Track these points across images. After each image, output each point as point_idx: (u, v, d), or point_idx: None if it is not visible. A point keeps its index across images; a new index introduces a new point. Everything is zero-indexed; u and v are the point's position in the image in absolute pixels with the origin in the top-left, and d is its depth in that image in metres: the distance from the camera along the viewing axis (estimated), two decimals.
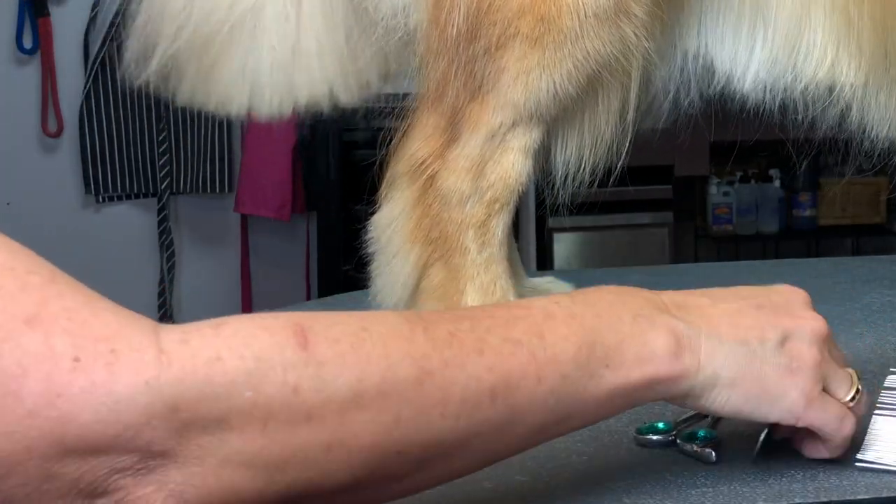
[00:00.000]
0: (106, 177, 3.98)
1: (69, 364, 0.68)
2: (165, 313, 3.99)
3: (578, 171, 1.37)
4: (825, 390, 0.98)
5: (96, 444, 0.68)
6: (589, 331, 0.86)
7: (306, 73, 1.39)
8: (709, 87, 1.42)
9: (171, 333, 0.72)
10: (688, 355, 0.90)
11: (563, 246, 4.27)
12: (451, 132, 1.29)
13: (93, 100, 3.92)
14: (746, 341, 0.93)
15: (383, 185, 1.34)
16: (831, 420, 0.98)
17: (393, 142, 1.34)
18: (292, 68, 1.40)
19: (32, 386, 0.67)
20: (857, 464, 1.06)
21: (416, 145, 1.31)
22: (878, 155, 1.43)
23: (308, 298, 3.83)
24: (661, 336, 0.89)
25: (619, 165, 1.39)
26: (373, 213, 1.35)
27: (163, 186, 3.98)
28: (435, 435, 0.80)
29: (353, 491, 0.78)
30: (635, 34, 1.29)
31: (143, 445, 0.69)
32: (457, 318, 0.83)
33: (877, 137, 1.40)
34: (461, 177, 1.29)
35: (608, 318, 0.88)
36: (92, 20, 3.88)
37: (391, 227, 1.32)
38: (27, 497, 0.68)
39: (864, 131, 1.40)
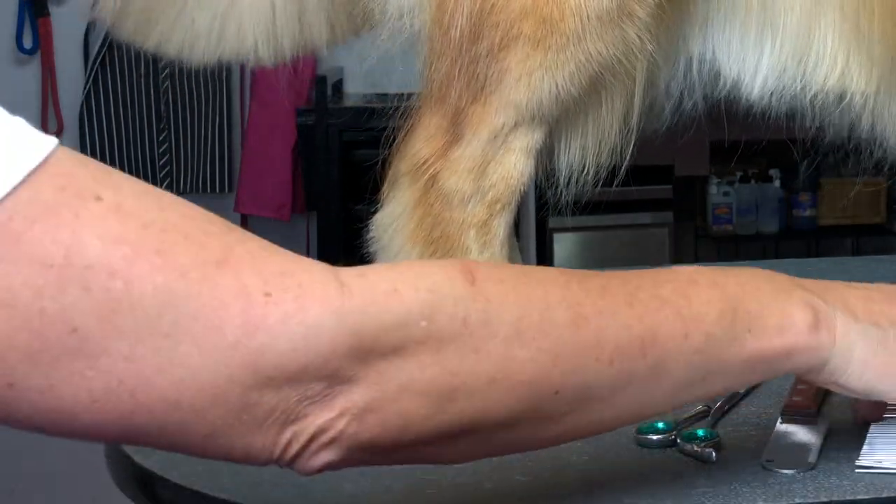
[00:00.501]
0: None
1: (262, 299, 0.72)
2: None
3: (581, 172, 1.37)
4: None
5: (291, 373, 0.73)
6: (732, 297, 0.89)
7: (236, 24, 1.38)
8: (714, 92, 1.42)
9: (349, 270, 0.77)
10: (825, 330, 0.92)
11: (563, 246, 4.27)
12: (454, 132, 1.30)
13: (93, 100, 3.92)
14: (879, 323, 0.95)
15: (385, 185, 1.34)
16: None
17: (395, 142, 1.34)
18: (227, 18, 1.38)
19: (233, 319, 0.71)
20: (858, 470, 1.06)
21: (418, 145, 1.31)
22: (886, 160, 1.43)
23: None
24: (801, 309, 0.92)
25: (622, 167, 1.39)
26: (374, 213, 1.35)
27: (163, 186, 3.98)
28: (590, 378, 0.83)
29: (512, 427, 0.82)
30: (638, 37, 1.29)
31: (331, 372, 0.74)
32: (607, 276, 0.87)
33: (889, 146, 1.40)
34: (463, 177, 1.29)
35: (750, 288, 0.91)
36: (92, 20, 3.88)
37: (392, 227, 1.33)
38: (229, 427, 0.72)
39: (875, 140, 1.40)
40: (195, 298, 0.71)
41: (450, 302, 0.77)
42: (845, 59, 1.35)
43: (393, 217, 1.32)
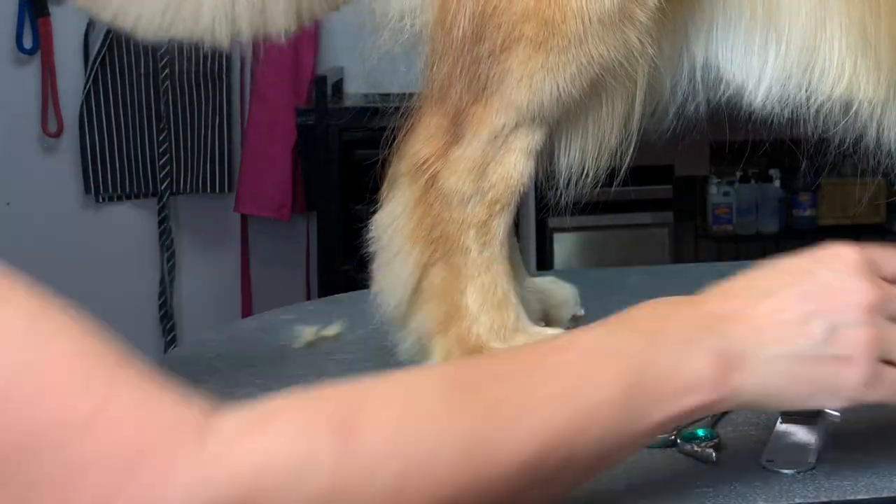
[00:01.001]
0: (106, 177, 3.98)
1: (119, 473, 0.68)
2: (166, 313, 4.00)
3: (581, 174, 1.37)
4: (887, 361, 0.95)
5: None
6: (633, 369, 0.85)
7: (195, 3, 1.34)
8: (716, 98, 1.41)
9: (223, 428, 0.74)
10: (734, 375, 0.89)
11: (563, 246, 4.27)
12: (454, 133, 1.30)
13: (93, 100, 3.92)
14: (793, 344, 0.91)
15: (385, 185, 1.34)
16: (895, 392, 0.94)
17: (395, 141, 1.34)
18: None
19: (85, 491, 0.68)
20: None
21: (418, 145, 1.31)
22: (889, 163, 1.42)
23: (308, 298, 3.83)
24: (707, 364, 0.88)
25: (622, 168, 1.39)
26: (374, 213, 1.35)
27: (163, 186, 3.98)
28: (489, 496, 0.79)
29: None
30: (639, 40, 1.29)
31: None
32: (502, 376, 0.82)
33: None
34: (463, 177, 1.29)
35: (651, 350, 0.87)
36: (92, 20, 3.88)
37: (392, 227, 1.33)
38: None
39: (882, 149, 1.39)
40: (50, 461, 0.67)
41: (325, 467, 0.73)
42: (853, 67, 1.34)
43: (393, 217, 1.32)
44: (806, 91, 1.36)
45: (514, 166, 1.30)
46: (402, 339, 1.32)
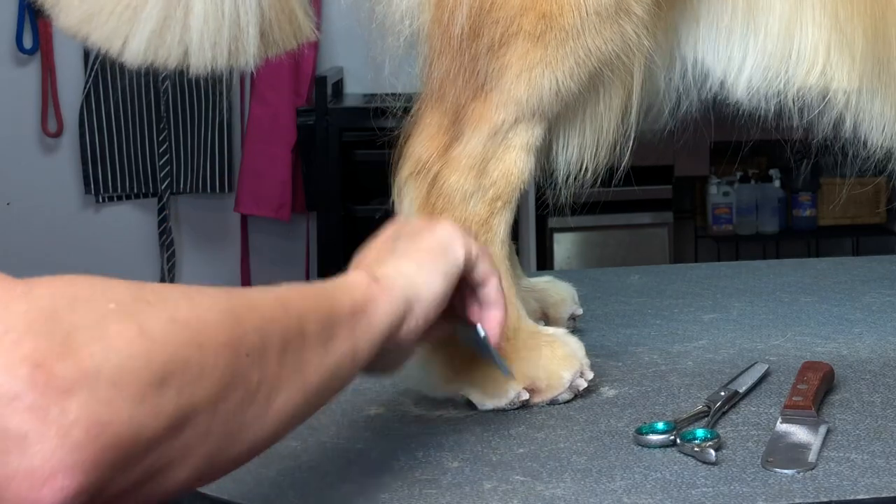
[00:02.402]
0: (106, 177, 3.98)
1: None
2: None
3: (581, 170, 1.37)
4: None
5: None
6: (319, 291, 0.98)
7: (179, 31, 1.36)
8: (703, 91, 1.42)
9: None
10: (382, 278, 1.03)
11: (563, 246, 4.27)
12: (454, 131, 1.30)
13: (93, 100, 3.92)
14: (409, 254, 1.08)
15: (394, 193, 1.34)
16: (483, 248, 1.14)
17: (398, 144, 1.34)
18: (171, 21, 1.37)
19: None
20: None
21: (419, 146, 1.31)
22: (876, 158, 1.43)
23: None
24: (354, 275, 1.03)
25: (620, 166, 1.40)
26: (378, 218, 1.35)
27: (163, 186, 3.98)
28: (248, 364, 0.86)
29: (224, 400, 0.83)
30: (636, 33, 1.30)
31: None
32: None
33: (872, 143, 1.40)
34: (464, 175, 1.29)
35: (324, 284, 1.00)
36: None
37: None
38: None
39: (858, 137, 1.40)
40: None
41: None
42: (826, 56, 1.36)
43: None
44: (784, 79, 1.37)
45: (515, 163, 1.30)
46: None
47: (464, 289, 1.13)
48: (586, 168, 1.37)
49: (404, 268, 1.06)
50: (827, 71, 1.36)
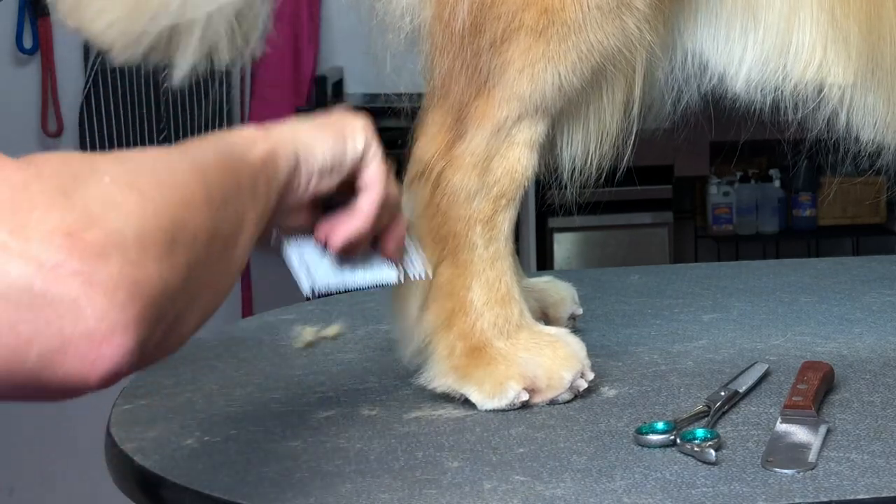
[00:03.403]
0: None
1: None
2: None
3: (584, 166, 1.37)
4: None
5: None
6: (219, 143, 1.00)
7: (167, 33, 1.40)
8: (703, 85, 1.42)
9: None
10: (273, 132, 1.04)
11: (563, 246, 4.26)
12: (457, 129, 1.30)
13: (93, 100, 3.92)
14: (307, 124, 1.09)
15: (403, 195, 1.34)
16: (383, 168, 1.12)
17: (406, 145, 1.34)
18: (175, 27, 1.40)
19: None
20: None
21: (422, 146, 1.32)
22: (870, 155, 1.43)
23: (308, 298, 3.82)
24: (246, 130, 1.03)
25: (622, 165, 1.40)
26: None
27: None
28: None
29: (217, 240, 0.90)
30: (637, 27, 1.30)
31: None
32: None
33: (864, 139, 1.40)
34: (468, 173, 1.29)
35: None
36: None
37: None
38: None
39: (851, 132, 1.41)
40: None
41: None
42: (823, 51, 1.36)
43: (410, 228, 1.32)
44: (782, 73, 1.37)
45: (519, 160, 1.30)
46: (407, 338, 1.32)
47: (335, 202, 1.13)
48: (590, 164, 1.37)
49: (298, 131, 1.07)
50: (824, 66, 1.36)
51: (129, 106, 3.95)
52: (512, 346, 1.28)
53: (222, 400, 1.34)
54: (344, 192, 1.12)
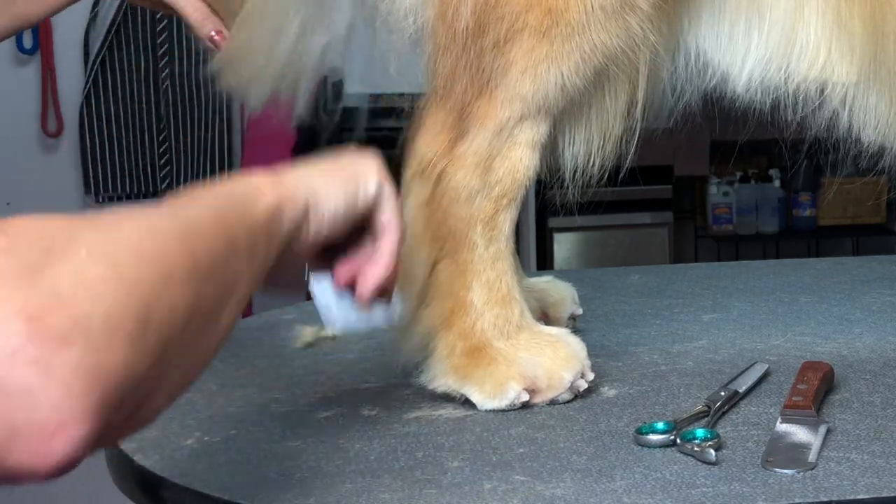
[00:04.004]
0: (106, 177, 3.98)
1: None
2: None
3: (587, 166, 1.37)
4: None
5: None
6: (223, 194, 1.00)
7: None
8: (705, 84, 1.42)
9: None
10: (283, 178, 1.03)
11: (563, 246, 4.27)
12: (459, 128, 1.30)
13: (93, 100, 3.92)
14: (318, 170, 1.09)
15: (401, 194, 1.34)
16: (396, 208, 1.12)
17: (404, 143, 1.34)
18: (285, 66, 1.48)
19: None
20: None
21: (424, 145, 1.31)
22: (872, 155, 1.43)
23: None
24: (259, 179, 1.02)
25: (623, 165, 1.40)
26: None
27: (163, 186, 3.98)
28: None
29: (198, 315, 0.86)
30: (641, 27, 1.30)
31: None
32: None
33: (866, 138, 1.40)
34: (469, 172, 1.29)
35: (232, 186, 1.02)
36: (92, 20, 3.87)
37: (408, 231, 1.33)
38: None
39: (853, 132, 1.40)
40: None
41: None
42: (828, 50, 1.36)
43: (408, 221, 1.32)
44: (785, 72, 1.37)
45: (521, 160, 1.30)
46: (407, 337, 1.32)
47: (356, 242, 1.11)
48: (593, 164, 1.37)
49: (308, 177, 1.05)
50: (828, 65, 1.36)
51: (129, 106, 3.94)
52: (512, 347, 1.27)
53: (222, 400, 1.34)
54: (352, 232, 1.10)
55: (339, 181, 1.07)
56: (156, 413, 0.85)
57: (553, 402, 1.27)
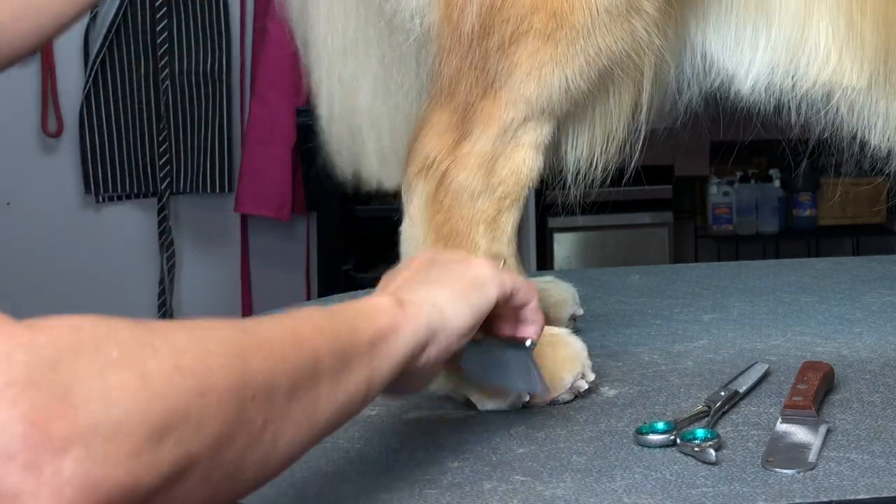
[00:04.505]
0: (106, 177, 3.98)
1: None
2: (165, 313, 3.99)
3: (590, 168, 1.37)
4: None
5: None
6: (335, 316, 0.97)
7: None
8: (711, 87, 1.42)
9: None
10: (408, 305, 1.02)
11: (563, 246, 4.27)
12: (463, 128, 1.30)
13: (93, 100, 3.92)
14: (441, 283, 1.08)
15: (403, 193, 1.34)
16: (519, 279, 1.15)
17: (407, 143, 1.34)
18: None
19: None
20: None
21: (427, 143, 1.32)
22: (877, 158, 1.43)
23: (308, 298, 3.82)
24: (382, 298, 1.02)
25: (626, 165, 1.40)
26: (396, 219, 1.36)
27: (163, 186, 3.98)
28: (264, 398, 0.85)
29: (228, 446, 0.81)
30: (646, 31, 1.30)
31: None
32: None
33: (874, 142, 1.40)
34: (473, 172, 1.29)
35: (340, 309, 0.99)
36: (92, 20, 3.88)
37: (409, 234, 1.33)
38: None
39: (861, 136, 1.40)
40: None
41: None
42: (839, 55, 1.36)
43: (412, 223, 1.32)
44: (792, 78, 1.37)
45: (524, 161, 1.30)
46: None
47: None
48: (596, 166, 1.37)
49: (434, 296, 1.05)
50: (838, 70, 1.36)
51: (129, 106, 3.94)
52: None
53: None
54: None
55: (463, 297, 1.07)
56: None
57: (553, 403, 1.27)
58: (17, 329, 0.74)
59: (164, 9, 3.84)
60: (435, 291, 1.06)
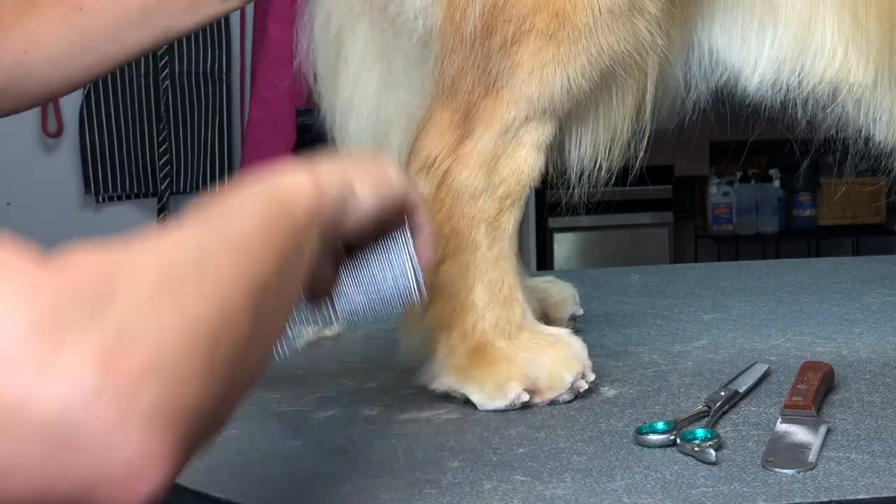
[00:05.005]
0: (106, 177, 3.98)
1: None
2: None
3: (593, 168, 1.37)
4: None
5: None
6: (265, 194, 0.97)
7: None
8: (716, 85, 1.42)
9: None
10: (322, 175, 1.01)
11: (563, 246, 4.27)
12: (465, 127, 1.30)
13: (93, 100, 3.92)
14: (353, 171, 1.07)
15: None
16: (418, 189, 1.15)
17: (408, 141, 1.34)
18: None
19: None
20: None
21: (429, 143, 1.32)
22: (879, 156, 1.43)
23: None
24: (295, 173, 1.00)
25: (631, 165, 1.40)
26: None
27: (163, 186, 3.98)
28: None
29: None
30: (649, 31, 1.30)
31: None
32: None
33: (879, 139, 1.40)
34: (474, 172, 1.30)
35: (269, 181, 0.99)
36: None
37: None
38: None
39: (865, 133, 1.40)
40: None
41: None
42: (844, 51, 1.36)
43: None
44: (799, 75, 1.37)
45: (525, 160, 1.30)
46: (408, 337, 1.32)
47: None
48: (600, 166, 1.37)
49: (343, 172, 1.05)
50: (844, 66, 1.36)
51: (129, 106, 3.95)
52: (513, 347, 1.27)
53: None
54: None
55: (370, 179, 1.07)
56: (222, 427, 0.84)
57: (553, 403, 1.27)
58: (48, 276, 0.74)
59: None
60: (344, 169, 1.06)
